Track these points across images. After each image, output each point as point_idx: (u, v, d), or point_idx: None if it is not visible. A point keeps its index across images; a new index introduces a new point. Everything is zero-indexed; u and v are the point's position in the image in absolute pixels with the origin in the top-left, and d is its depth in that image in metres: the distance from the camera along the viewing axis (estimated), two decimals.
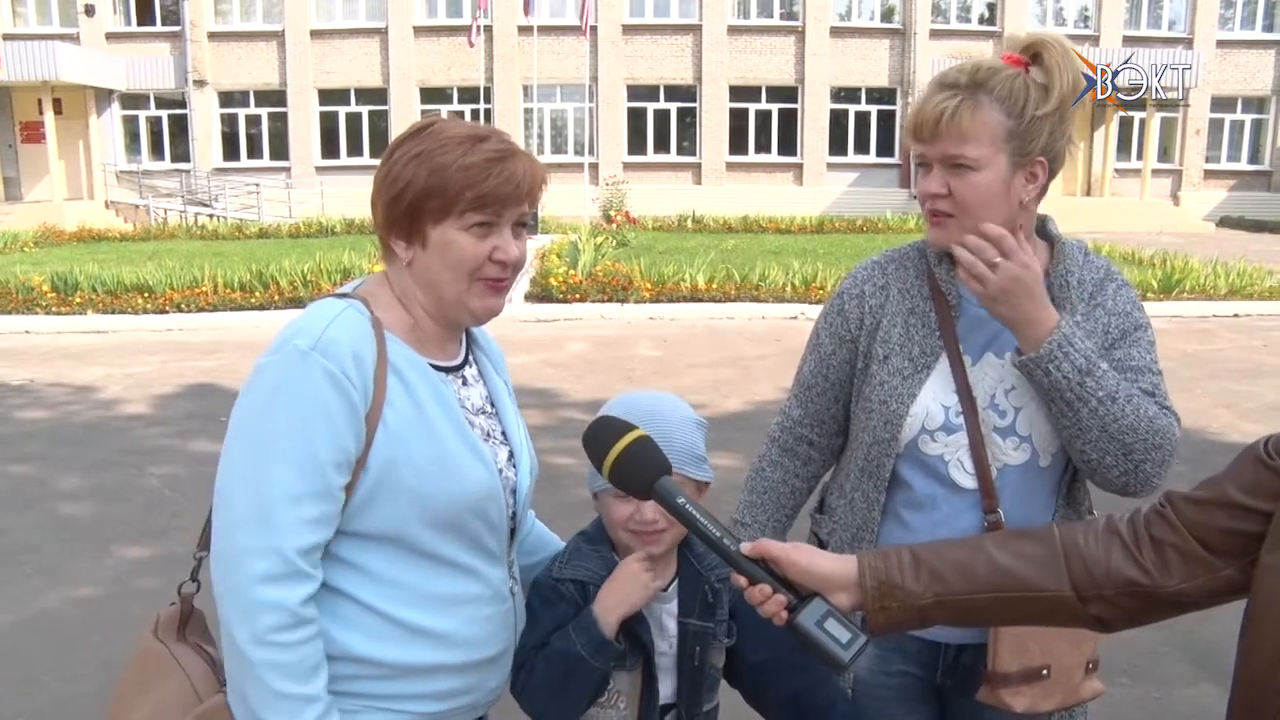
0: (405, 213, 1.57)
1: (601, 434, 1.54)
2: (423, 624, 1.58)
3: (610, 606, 1.70)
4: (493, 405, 1.74)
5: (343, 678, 1.55)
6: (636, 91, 30.41)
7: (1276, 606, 1.19)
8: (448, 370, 1.66)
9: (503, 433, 1.72)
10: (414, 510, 1.54)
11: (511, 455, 1.71)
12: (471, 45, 28.00)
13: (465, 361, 1.72)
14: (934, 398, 1.86)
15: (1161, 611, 1.36)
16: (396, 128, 29.32)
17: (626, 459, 1.50)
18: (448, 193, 1.54)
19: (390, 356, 1.55)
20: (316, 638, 1.47)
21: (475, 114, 28.76)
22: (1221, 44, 30.64)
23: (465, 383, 1.69)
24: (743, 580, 1.44)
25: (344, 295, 1.62)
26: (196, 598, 1.76)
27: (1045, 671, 1.85)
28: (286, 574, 1.44)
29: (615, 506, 1.75)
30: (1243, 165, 31.61)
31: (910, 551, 1.44)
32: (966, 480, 1.86)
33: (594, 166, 28.73)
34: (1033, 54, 1.80)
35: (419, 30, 29.87)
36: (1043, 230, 1.96)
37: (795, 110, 30.62)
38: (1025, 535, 1.44)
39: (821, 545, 2.04)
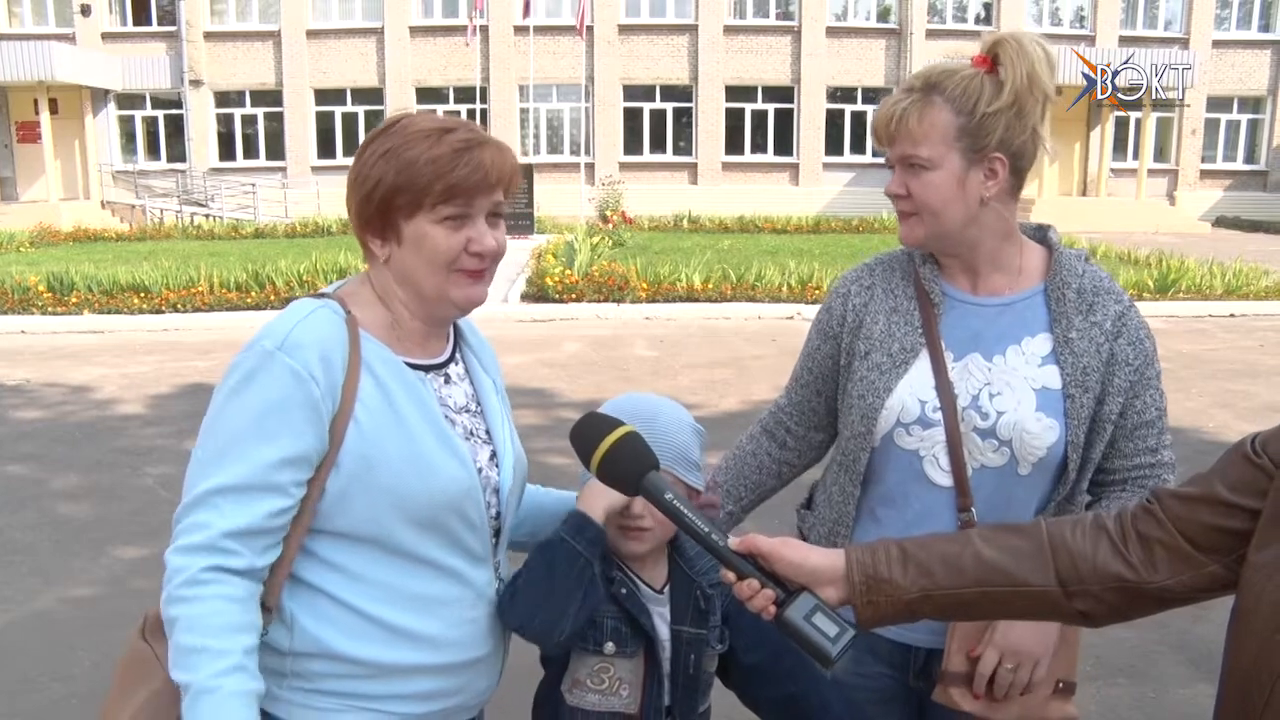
0: (377, 210, 1.58)
1: (589, 430, 1.54)
2: (403, 624, 1.57)
3: (592, 505, 1.69)
4: (478, 403, 1.72)
5: (323, 676, 1.55)
6: (633, 91, 30.40)
7: (1264, 604, 1.19)
8: (429, 368, 1.66)
9: (486, 431, 1.71)
10: (391, 509, 1.54)
11: (494, 454, 1.70)
12: (468, 45, 28.02)
13: (451, 359, 1.71)
14: (911, 392, 1.87)
15: (1147, 607, 1.36)
16: None
17: (614, 454, 1.51)
18: (417, 186, 1.54)
19: (364, 355, 1.55)
20: (232, 601, 1.45)
21: (471, 114, 28.66)
22: (1217, 44, 30.69)
23: (449, 380, 1.69)
24: (731, 575, 1.45)
25: (322, 295, 1.62)
26: None
27: None
28: (203, 546, 1.45)
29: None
30: (1239, 165, 31.66)
31: (898, 546, 1.44)
32: (941, 477, 1.86)
33: (590, 166, 28.71)
34: (994, 54, 1.82)
35: (415, 30, 29.85)
36: (1043, 239, 1.97)
37: (791, 110, 30.63)
38: (1013, 530, 1.44)
39: (804, 540, 2.05)
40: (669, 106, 30.63)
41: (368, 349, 1.56)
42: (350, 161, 1.66)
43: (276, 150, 30.35)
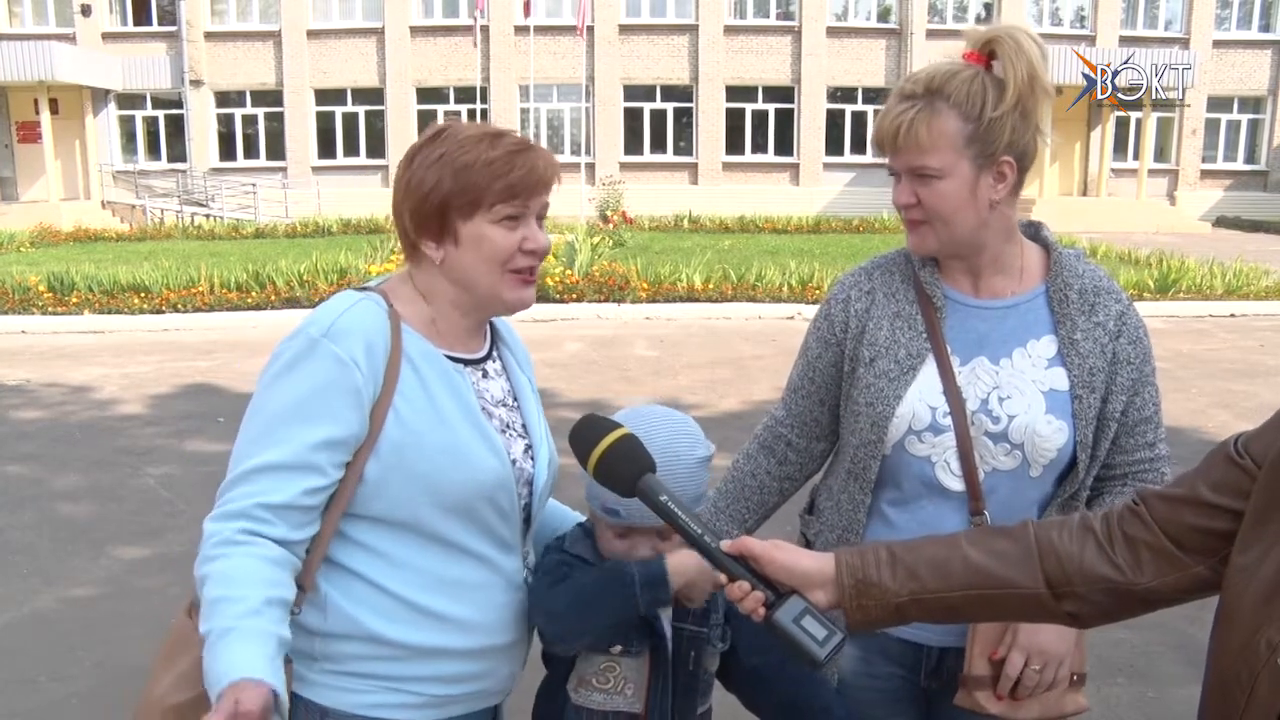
0: (434, 213, 1.63)
1: (586, 432, 1.56)
2: (434, 607, 1.63)
3: (680, 570, 1.68)
4: (515, 399, 1.78)
5: (354, 657, 1.61)
6: (633, 91, 30.40)
7: (1244, 605, 1.19)
8: (468, 363, 1.71)
9: (523, 425, 1.76)
10: (425, 496, 1.59)
11: (529, 448, 1.75)
12: (475, 45, 28.00)
13: (489, 356, 1.77)
14: (921, 399, 1.85)
15: (1134, 608, 1.37)
16: (393, 128, 29.42)
17: (611, 457, 1.52)
18: (477, 189, 1.61)
19: (405, 347, 1.62)
20: (262, 560, 1.49)
21: (472, 114, 28.72)
22: (1218, 44, 30.68)
23: (486, 375, 1.75)
24: (722, 577, 1.46)
25: (365, 289, 1.69)
26: None
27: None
28: (238, 513, 1.51)
29: (611, 541, 1.77)
30: (1239, 165, 31.64)
31: (887, 549, 1.44)
32: (953, 482, 1.85)
33: (590, 166, 28.72)
34: (989, 50, 1.79)
35: (415, 30, 29.84)
36: (1036, 235, 1.96)
37: (792, 110, 30.63)
38: (1000, 533, 1.44)
39: (809, 545, 2.04)
40: (669, 106, 30.62)
41: (408, 341, 1.63)
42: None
43: (277, 150, 30.34)
